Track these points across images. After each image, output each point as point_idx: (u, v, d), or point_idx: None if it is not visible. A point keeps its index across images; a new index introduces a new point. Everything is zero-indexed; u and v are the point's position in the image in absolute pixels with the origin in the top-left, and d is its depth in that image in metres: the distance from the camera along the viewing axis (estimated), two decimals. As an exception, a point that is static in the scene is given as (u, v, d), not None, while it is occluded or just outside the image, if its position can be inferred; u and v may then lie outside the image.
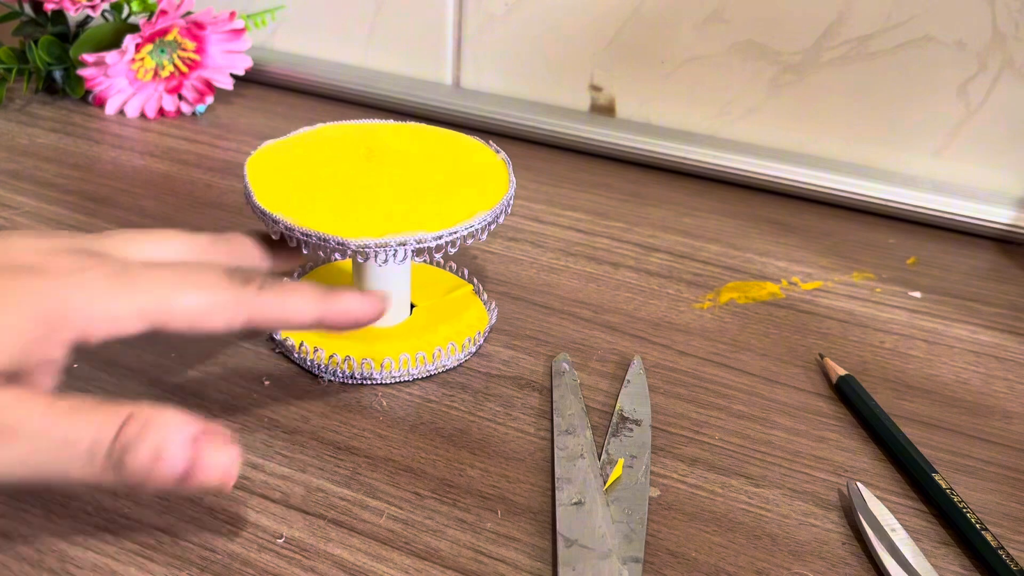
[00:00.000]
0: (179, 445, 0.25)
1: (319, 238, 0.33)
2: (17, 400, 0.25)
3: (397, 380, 0.36)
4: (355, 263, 0.37)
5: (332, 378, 0.36)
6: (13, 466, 0.25)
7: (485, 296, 0.41)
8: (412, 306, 0.39)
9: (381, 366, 0.36)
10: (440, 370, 0.37)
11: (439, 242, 0.34)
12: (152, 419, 0.25)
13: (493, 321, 0.39)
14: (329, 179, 0.36)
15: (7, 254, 0.28)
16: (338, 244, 0.33)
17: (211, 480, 0.25)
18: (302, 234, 0.33)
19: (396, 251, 0.33)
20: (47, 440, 0.25)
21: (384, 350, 0.36)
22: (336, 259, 0.33)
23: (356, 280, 0.38)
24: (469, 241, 0.34)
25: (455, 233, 0.34)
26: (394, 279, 0.37)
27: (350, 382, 0.36)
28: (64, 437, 0.25)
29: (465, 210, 0.35)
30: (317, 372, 0.36)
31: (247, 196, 0.35)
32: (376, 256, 0.33)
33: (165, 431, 0.25)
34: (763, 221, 0.52)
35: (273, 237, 0.35)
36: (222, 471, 0.25)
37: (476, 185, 0.36)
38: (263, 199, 0.34)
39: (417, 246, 0.33)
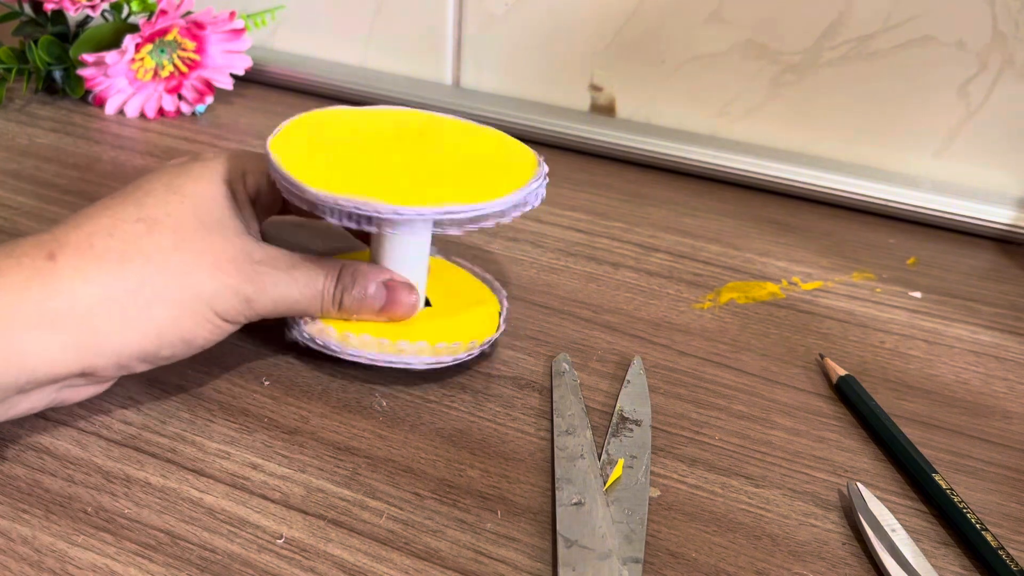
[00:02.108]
0: (379, 288, 0.35)
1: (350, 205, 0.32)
2: (280, 251, 0.34)
3: (354, 358, 0.35)
4: (375, 244, 0.37)
5: (303, 340, 0.36)
6: (278, 300, 0.33)
7: (506, 309, 0.40)
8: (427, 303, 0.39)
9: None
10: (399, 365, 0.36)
11: (460, 216, 0.33)
12: (358, 270, 0.35)
13: (499, 334, 0.38)
14: (356, 154, 0.36)
15: None
16: (367, 212, 0.32)
17: (400, 312, 0.36)
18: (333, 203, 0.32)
19: (415, 221, 0.32)
20: (297, 279, 0.34)
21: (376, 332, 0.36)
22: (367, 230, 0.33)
23: (374, 258, 0.37)
24: (478, 225, 0.34)
25: (462, 211, 0.33)
26: (410, 266, 0.37)
27: (314, 347, 0.36)
28: (307, 279, 0.34)
29: (487, 193, 0.34)
30: (290, 326, 0.36)
31: (274, 168, 0.34)
32: (394, 226, 0.33)
33: (368, 278, 0.35)
34: (763, 221, 0.52)
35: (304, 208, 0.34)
36: (408, 306, 0.36)
37: (502, 174, 0.35)
38: (293, 170, 0.34)
39: (436, 218, 0.33)
